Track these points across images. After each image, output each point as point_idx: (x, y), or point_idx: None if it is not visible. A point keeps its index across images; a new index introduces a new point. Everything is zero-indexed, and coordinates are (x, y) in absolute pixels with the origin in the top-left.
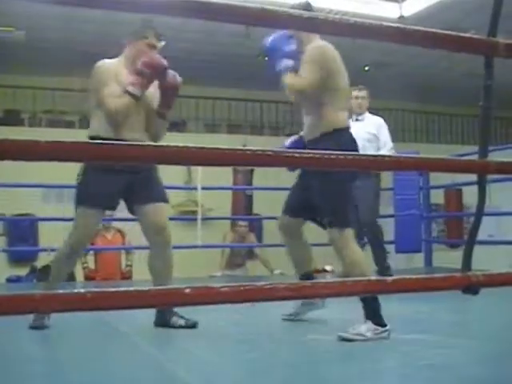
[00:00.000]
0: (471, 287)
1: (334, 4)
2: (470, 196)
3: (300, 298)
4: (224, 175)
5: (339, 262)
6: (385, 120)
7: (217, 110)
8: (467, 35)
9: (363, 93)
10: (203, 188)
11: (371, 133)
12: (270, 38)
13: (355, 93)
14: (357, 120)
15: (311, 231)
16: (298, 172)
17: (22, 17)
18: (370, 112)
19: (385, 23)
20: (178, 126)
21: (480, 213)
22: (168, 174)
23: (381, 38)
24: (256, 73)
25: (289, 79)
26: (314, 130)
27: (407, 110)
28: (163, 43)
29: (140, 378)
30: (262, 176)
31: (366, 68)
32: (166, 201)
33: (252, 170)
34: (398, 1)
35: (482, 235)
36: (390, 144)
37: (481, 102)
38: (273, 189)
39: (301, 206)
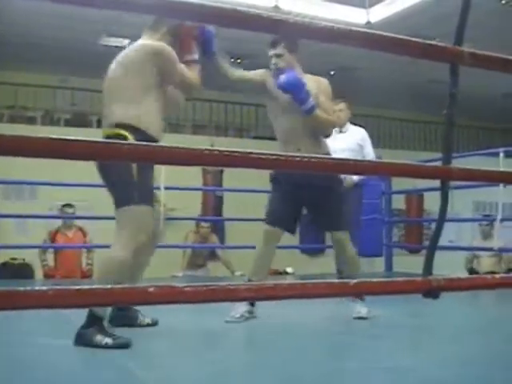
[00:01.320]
0: (432, 291)
1: (303, 8)
2: (431, 202)
3: (261, 299)
4: (192, 175)
5: (300, 265)
6: None
7: (181, 110)
8: (434, 43)
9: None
10: (166, 188)
11: (357, 143)
12: (287, 78)
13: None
14: (341, 132)
15: None
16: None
17: None
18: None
19: (353, 28)
20: None
21: (442, 219)
22: None
23: (349, 42)
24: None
25: (322, 115)
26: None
27: (371, 116)
28: (127, 41)
29: (99, 378)
30: (231, 178)
31: (332, 72)
32: None
33: (222, 171)
34: (365, 7)
35: (442, 241)
36: (372, 155)
37: (445, 110)
38: (240, 191)
39: (291, 218)
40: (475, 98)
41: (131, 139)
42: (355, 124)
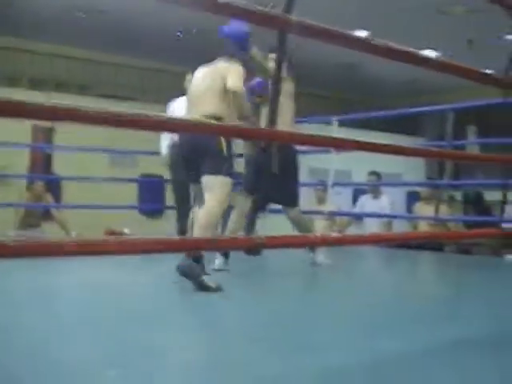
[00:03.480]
0: (254, 248)
1: None
2: None
3: (86, 254)
4: (22, 132)
5: (138, 226)
6: None
7: (17, 63)
8: (264, 9)
9: None
10: None
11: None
12: None
13: None
14: None
15: None
16: None
17: None
18: None
19: None
20: None
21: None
22: None
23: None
24: (62, 27)
25: None
26: None
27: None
28: None
29: None
30: (65, 136)
31: None
32: None
33: (52, 129)
34: None
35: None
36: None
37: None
38: (73, 149)
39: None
40: (313, 67)
41: None
42: None
